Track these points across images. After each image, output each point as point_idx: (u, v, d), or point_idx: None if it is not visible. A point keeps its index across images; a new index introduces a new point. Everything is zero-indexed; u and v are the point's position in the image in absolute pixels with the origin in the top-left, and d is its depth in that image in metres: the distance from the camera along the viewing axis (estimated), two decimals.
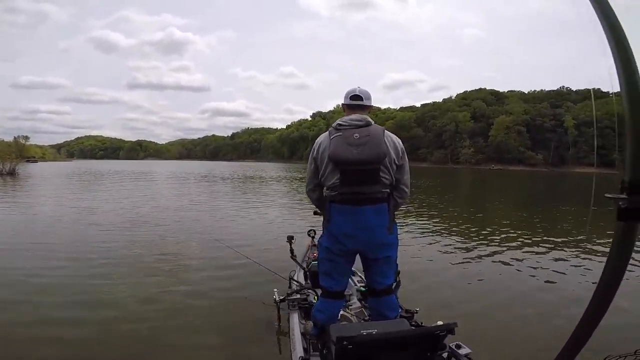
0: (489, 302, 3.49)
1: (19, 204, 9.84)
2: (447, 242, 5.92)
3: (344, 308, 2.42)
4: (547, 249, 5.52)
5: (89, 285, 3.57)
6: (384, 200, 1.89)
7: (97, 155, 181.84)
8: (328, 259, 1.98)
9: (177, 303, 3.21)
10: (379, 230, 1.87)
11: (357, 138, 1.84)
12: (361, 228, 1.86)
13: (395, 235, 1.94)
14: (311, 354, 1.96)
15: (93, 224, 6.79)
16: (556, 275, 4.28)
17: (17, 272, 3.94)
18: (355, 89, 2.02)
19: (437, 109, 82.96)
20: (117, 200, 10.75)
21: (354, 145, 1.83)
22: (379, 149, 1.81)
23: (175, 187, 17.29)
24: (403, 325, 1.72)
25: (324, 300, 2.05)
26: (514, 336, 2.83)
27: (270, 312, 2.80)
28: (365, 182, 1.85)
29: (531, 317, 3.17)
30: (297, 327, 2.27)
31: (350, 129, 1.89)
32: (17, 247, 5.07)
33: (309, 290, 2.61)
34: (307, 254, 3.32)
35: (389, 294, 1.97)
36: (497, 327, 2.97)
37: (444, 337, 1.55)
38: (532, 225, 7.75)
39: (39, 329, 2.68)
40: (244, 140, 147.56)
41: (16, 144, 58.61)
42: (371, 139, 1.83)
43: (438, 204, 11.45)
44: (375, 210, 1.86)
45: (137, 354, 2.40)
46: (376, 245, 1.89)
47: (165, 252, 4.82)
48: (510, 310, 3.33)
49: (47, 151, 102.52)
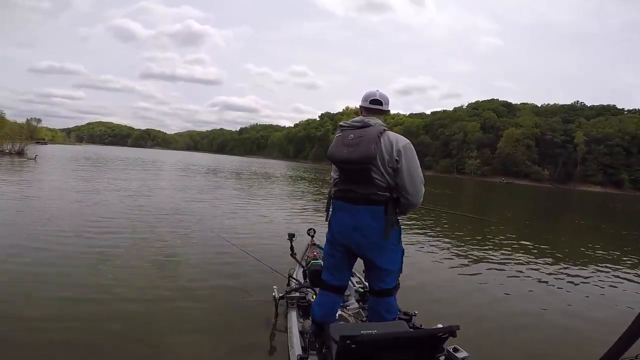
0: (487, 307, 3.51)
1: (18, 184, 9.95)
2: (448, 247, 5.91)
3: (342, 308, 2.43)
4: (553, 260, 5.49)
5: (81, 278, 3.37)
6: (381, 203, 1.85)
7: (105, 141, 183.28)
8: (329, 253, 2.05)
9: (173, 298, 3.12)
10: (372, 232, 1.86)
11: (351, 138, 1.89)
12: (353, 227, 1.89)
13: (393, 241, 1.90)
14: (309, 353, 1.97)
15: (89, 214, 6.57)
16: (558, 283, 4.39)
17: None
18: (376, 92, 2.02)
19: (447, 117, 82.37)
20: (117, 188, 10.61)
21: (347, 145, 1.88)
22: (367, 150, 1.81)
23: (180, 177, 17.39)
24: (402, 327, 1.73)
25: (321, 293, 2.11)
26: (512, 341, 2.84)
27: (268, 310, 2.80)
28: (358, 182, 1.88)
29: (529, 323, 3.19)
30: (295, 325, 2.28)
31: (348, 130, 1.95)
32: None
33: (308, 289, 2.62)
34: (307, 252, 3.33)
35: (388, 295, 1.96)
36: (494, 332, 2.97)
37: (445, 339, 1.55)
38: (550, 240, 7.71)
39: (28, 324, 2.51)
40: (251, 136, 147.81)
41: (28, 126, 59.46)
42: (363, 139, 1.85)
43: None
44: (369, 211, 1.86)
45: (130, 350, 2.33)
46: (368, 246, 1.89)
47: (163, 246, 4.72)
48: (508, 316, 3.34)
49: (57, 134, 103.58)
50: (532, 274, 4.83)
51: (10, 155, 21.91)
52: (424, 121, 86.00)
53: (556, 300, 3.89)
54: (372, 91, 2.03)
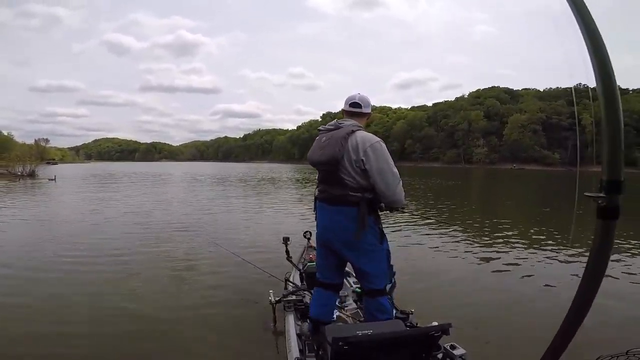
0: (486, 303, 3.47)
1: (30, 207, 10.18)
2: (449, 244, 5.85)
3: (340, 309, 2.44)
4: (552, 252, 5.39)
5: (78, 287, 3.51)
6: (354, 204, 1.85)
7: (113, 157, 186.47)
8: (318, 253, 2.14)
9: (171, 304, 3.16)
10: (345, 232, 1.89)
11: (323, 141, 1.96)
12: (328, 227, 1.96)
13: (371, 241, 1.89)
14: (307, 355, 1.97)
15: (96, 225, 6.92)
16: (555, 280, 4.19)
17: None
18: (355, 95, 2.05)
19: (450, 107, 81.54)
20: (126, 202, 10.93)
21: (320, 147, 1.96)
22: (332, 151, 1.85)
23: (185, 188, 17.71)
24: (398, 326, 1.73)
25: (315, 290, 2.17)
26: (509, 338, 2.80)
27: (265, 314, 2.80)
28: (331, 183, 1.92)
29: (527, 318, 3.13)
30: (292, 328, 2.28)
31: (323, 133, 2.02)
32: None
33: (305, 292, 2.62)
34: (303, 255, 3.34)
35: (379, 295, 1.95)
36: (492, 328, 2.94)
37: (438, 337, 1.56)
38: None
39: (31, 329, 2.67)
40: (255, 142, 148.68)
41: (37, 147, 60.90)
42: (330, 141, 1.90)
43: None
44: (342, 211, 1.89)
45: (130, 354, 2.37)
46: (343, 246, 1.92)
47: (161, 253, 4.81)
48: (506, 312, 3.30)
49: (66, 153, 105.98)
50: (536, 269, 4.70)
51: (23, 178, 22.26)
52: (427, 113, 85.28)
53: (559, 295, 3.73)
54: (353, 94, 2.07)
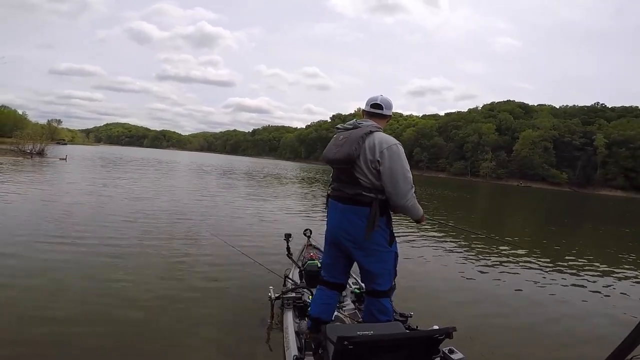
0: (484, 309, 3.49)
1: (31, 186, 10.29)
2: (451, 251, 5.81)
3: (338, 309, 2.44)
4: (559, 265, 5.33)
5: (75, 279, 3.36)
6: (366, 204, 1.85)
7: (122, 141, 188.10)
8: (325, 251, 2.14)
9: (169, 299, 3.09)
10: (353, 231, 1.88)
11: (340, 139, 1.96)
12: (339, 225, 1.94)
13: (380, 243, 1.88)
14: (305, 353, 1.97)
15: (98, 212, 6.77)
16: (557, 288, 4.32)
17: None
18: (377, 97, 2.05)
19: (462, 118, 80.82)
20: (128, 189, 10.78)
21: (336, 145, 1.96)
22: (349, 150, 1.85)
23: (192, 179, 17.76)
24: (397, 328, 1.74)
25: (318, 288, 2.17)
26: (507, 344, 2.80)
27: (264, 310, 2.79)
28: (346, 182, 1.92)
29: (525, 325, 3.15)
30: (291, 325, 2.29)
31: (340, 132, 2.02)
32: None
33: (304, 290, 2.63)
34: (303, 253, 3.36)
35: (381, 297, 1.95)
36: (490, 334, 2.94)
37: (441, 340, 1.57)
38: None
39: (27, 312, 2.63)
40: (264, 138, 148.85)
41: (49, 127, 61.81)
42: (348, 140, 1.89)
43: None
44: (353, 211, 1.88)
45: (128, 350, 2.33)
46: (352, 246, 1.91)
47: (160, 245, 4.70)
48: (505, 318, 3.31)
49: (76, 135, 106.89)
50: (546, 279, 4.71)
51: (32, 156, 22.65)
52: (438, 122, 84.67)
53: (555, 302, 3.85)
54: (375, 95, 2.06)
